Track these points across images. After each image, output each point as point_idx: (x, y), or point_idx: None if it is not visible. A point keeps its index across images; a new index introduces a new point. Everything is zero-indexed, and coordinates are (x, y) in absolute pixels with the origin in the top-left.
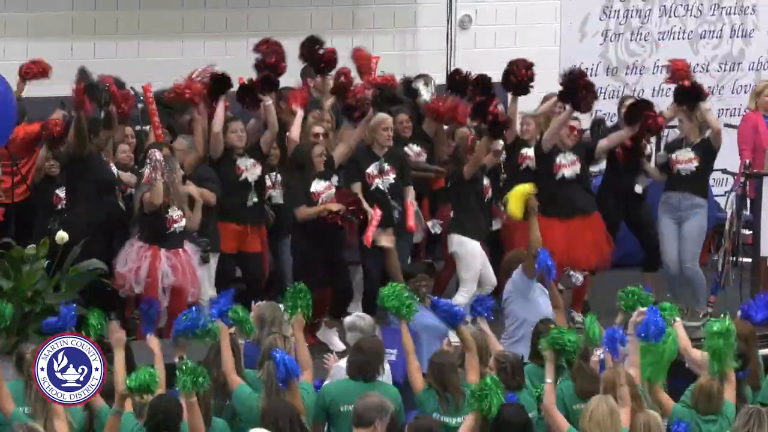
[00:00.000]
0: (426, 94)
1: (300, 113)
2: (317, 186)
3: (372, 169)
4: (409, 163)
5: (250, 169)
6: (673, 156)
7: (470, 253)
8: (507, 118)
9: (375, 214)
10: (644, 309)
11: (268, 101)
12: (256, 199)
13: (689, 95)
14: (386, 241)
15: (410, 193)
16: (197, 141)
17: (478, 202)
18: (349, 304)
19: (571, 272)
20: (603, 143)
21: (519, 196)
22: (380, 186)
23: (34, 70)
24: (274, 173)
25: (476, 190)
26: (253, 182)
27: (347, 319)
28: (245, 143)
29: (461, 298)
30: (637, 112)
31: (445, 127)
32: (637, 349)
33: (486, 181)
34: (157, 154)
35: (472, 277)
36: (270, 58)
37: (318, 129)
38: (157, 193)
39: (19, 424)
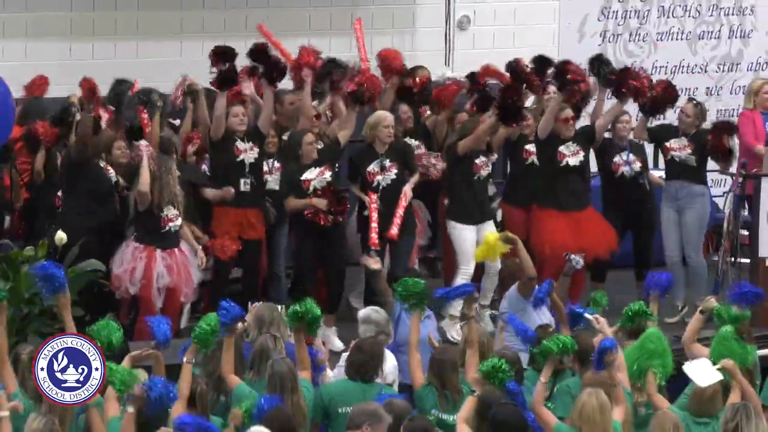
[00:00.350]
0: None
1: (310, 77)
2: (309, 174)
3: (373, 167)
4: (412, 153)
5: (247, 151)
6: (667, 143)
7: (460, 236)
8: (522, 109)
9: (371, 199)
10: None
11: (248, 90)
12: (250, 183)
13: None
14: (374, 263)
15: (413, 179)
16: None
17: (466, 180)
18: (341, 298)
19: (572, 256)
20: (600, 122)
21: (488, 247)
22: (381, 183)
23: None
24: (272, 160)
25: (464, 169)
26: (249, 164)
27: (361, 312)
28: (246, 127)
29: (459, 280)
30: (619, 82)
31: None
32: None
33: (479, 160)
34: (144, 146)
35: (464, 260)
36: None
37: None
38: (144, 181)
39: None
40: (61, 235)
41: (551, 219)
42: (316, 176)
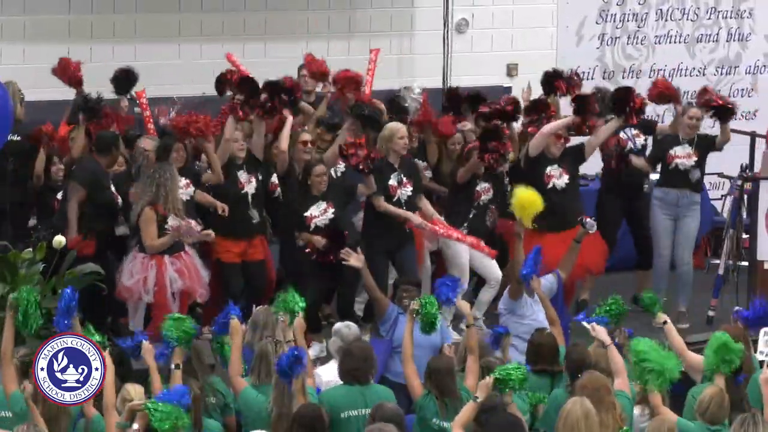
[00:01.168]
0: (414, 102)
1: (289, 119)
2: (313, 210)
3: (393, 181)
4: (421, 172)
5: (247, 183)
6: (672, 152)
7: (455, 253)
8: (502, 153)
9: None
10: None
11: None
12: (257, 218)
13: (725, 112)
14: (355, 260)
15: (425, 203)
16: (212, 161)
17: (468, 205)
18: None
19: (586, 220)
20: (592, 140)
21: (525, 208)
22: (400, 198)
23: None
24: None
25: (467, 194)
26: (251, 195)
27: (336, 325)
28: (245, 155)
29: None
30: (623, 100)
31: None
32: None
33: (480, 186)
34: (184, 225)
35: (460, 275)
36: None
37: (306, 136)
38: (159, 246)
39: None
40: (59, 239)
41: (542, 242)
42: (319, 214)
